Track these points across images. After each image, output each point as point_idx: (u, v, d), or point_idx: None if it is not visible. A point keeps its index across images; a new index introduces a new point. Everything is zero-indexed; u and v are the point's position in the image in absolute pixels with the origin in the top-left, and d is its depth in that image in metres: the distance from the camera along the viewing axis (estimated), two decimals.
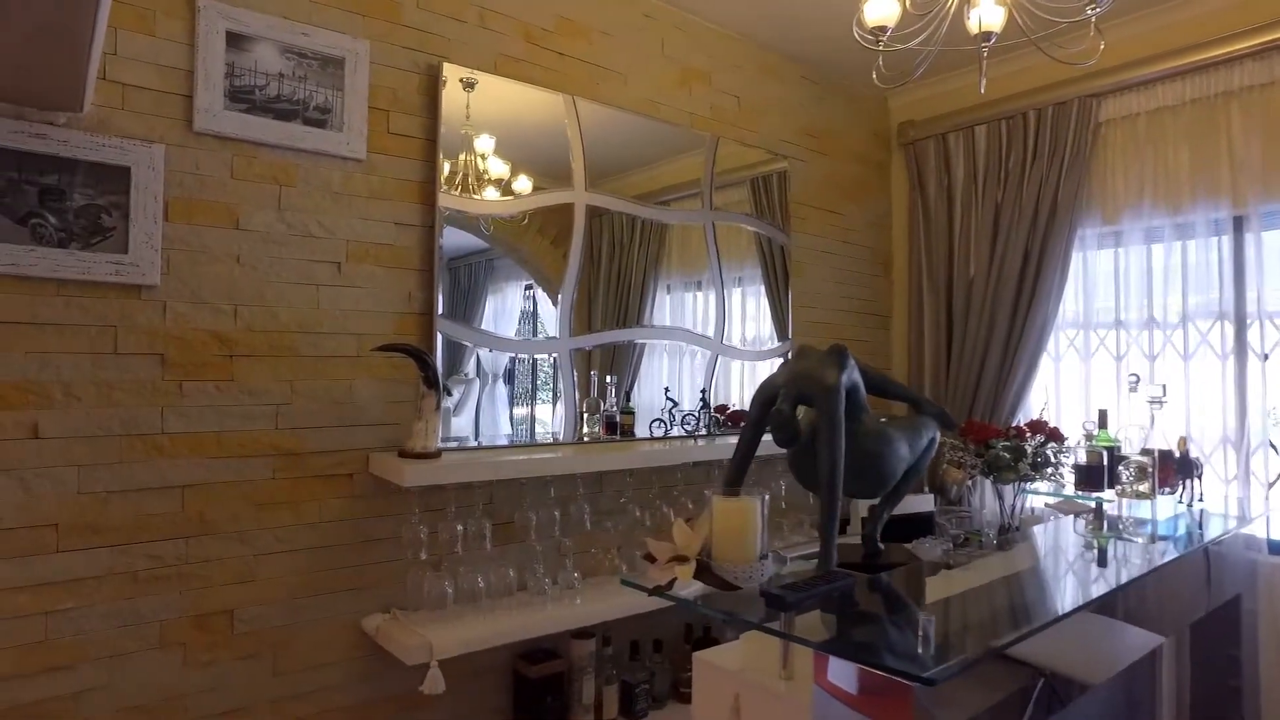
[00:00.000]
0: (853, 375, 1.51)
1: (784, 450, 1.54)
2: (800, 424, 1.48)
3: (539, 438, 2.64)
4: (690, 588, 1.35)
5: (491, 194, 2.48)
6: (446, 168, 2.38)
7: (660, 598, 1.38)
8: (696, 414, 2.94)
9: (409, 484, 2.05)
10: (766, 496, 1.35)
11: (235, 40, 2.03)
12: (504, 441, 2.55)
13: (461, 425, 2.45)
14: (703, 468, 2.95)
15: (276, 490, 2.08)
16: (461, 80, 2.40)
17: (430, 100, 2.36)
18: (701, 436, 2.92)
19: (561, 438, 2.66)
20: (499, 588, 2.31)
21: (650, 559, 1.36)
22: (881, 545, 1.69)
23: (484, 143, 2.46)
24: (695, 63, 3.11)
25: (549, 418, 2.66)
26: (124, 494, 1.89)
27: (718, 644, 2.86)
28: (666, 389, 2.92)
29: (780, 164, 3.38)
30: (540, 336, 2.63)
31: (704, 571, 1.32)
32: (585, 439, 2.68)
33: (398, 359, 2.24)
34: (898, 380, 3.06)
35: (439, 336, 2.35)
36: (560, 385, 2.66)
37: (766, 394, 1.50)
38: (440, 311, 2.35)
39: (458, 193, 2.40)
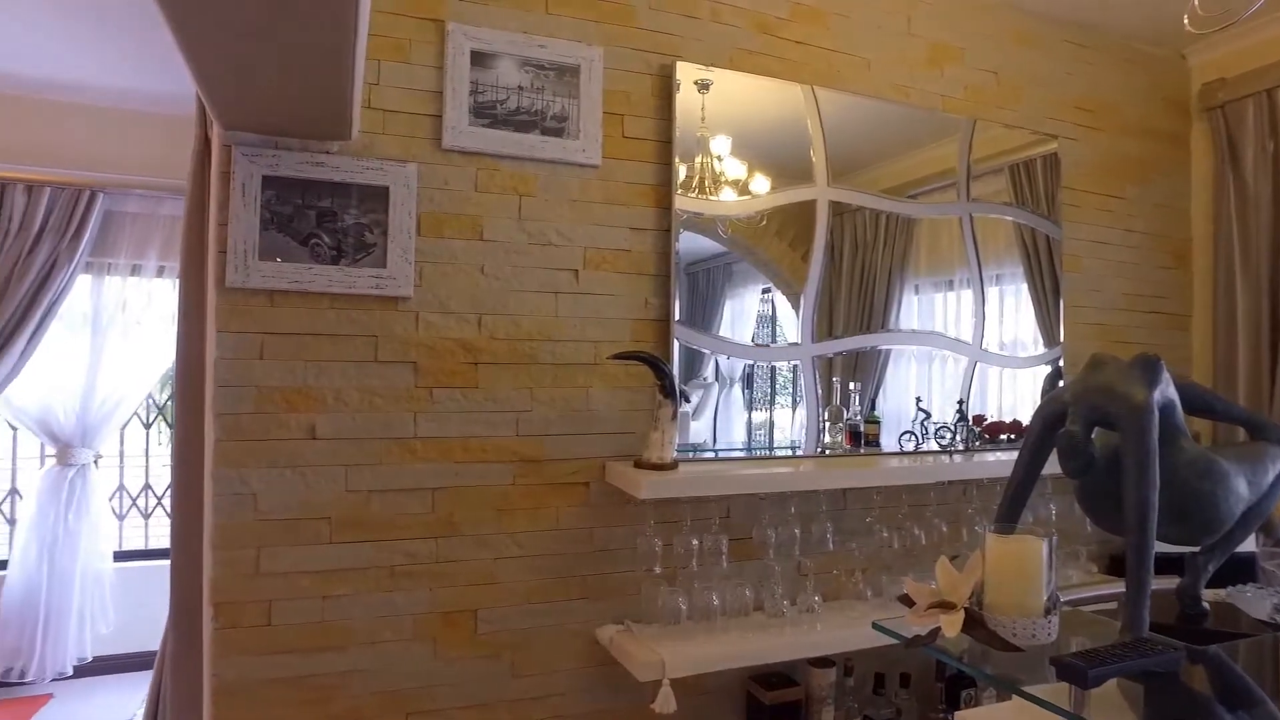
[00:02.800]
0: (1167, 391, 1.21)
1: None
2: (1095, 450, 1.21)
3: (777, 444, 2.52)
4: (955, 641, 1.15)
5: (728, 195, 2.39)
6: (683, 171, 2.32)
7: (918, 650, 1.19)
8: (952, 426, 2.65)
9: (645, 496, 2.00)
10: (1055, 537, 1.11)
11: (479, 59, 2.10)
12: (740, 448, 2.45)
13: (699, 430, 2.40)
14: (958, 486, 2.65)
15: (516, 496, 2.13)
16: (696, 82, 2.34)
17: (664, 101, 2.31)
18: (958, 452, 2.62)
19: (801, 446, 2.51)
20: (734, 606, 2.20)
21: (908, 602, 1.18)
22: (1206, 604, 1.36)
23: (720, 143, 2.38)
24: (945, 39, 2.81)
25: (788, 424, 2.53)
26: (383, 493, 2.01)
27: (974, 686, 2.58)
28: (918, 399, 2.66)
29: (1048, 145, 2.97)
30: (780, 340, 2.51)
31: (973, 623, 1.11)
32: (827, 449, 2.51)
33: (634, 367, 2.21)
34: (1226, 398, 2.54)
35: (675, 343, 2.29)
36: (800, 391, 2.51)
37: (1051, 412, 1.25)
38: (678, 318, 2.29)
39: (694, 195, 2.34)
